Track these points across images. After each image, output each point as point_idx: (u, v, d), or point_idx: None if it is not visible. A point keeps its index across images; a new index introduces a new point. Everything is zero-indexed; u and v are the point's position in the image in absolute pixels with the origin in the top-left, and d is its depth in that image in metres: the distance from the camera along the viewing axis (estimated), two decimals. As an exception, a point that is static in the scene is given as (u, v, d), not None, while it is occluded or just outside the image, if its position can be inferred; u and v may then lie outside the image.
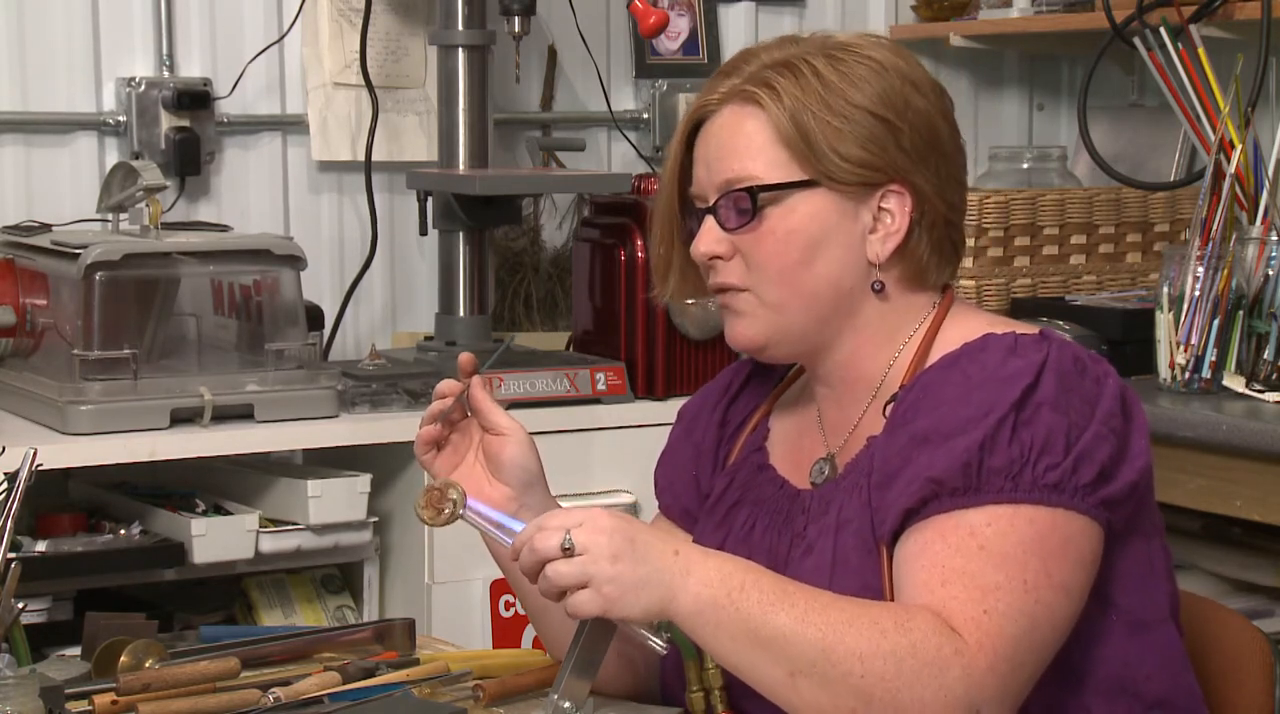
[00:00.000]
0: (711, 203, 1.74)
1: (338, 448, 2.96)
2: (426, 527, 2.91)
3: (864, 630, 1.54)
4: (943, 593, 1.57)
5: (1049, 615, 1.59)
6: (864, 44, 1.74)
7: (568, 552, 1.55)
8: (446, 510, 1.68)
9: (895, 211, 1.71)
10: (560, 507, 1.81)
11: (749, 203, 1.70)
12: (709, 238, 1.74)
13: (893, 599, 1.63)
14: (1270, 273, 2.86)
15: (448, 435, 1.84)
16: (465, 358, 1.82)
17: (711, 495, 1.87)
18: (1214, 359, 2.85)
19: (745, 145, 1.71)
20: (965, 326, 1.73)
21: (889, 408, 1.70)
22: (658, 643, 1.60)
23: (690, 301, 3.07)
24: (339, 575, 3.07)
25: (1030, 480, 1.59)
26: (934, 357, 1.71)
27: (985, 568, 1.57)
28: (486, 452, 1.83)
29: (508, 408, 1.87)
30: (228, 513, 2.89)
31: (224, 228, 3.17)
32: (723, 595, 1.56)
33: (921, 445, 1.63)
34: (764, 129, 1.71)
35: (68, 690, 1.75)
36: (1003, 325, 1.72)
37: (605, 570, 1.55)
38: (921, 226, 1.72)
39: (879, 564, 1.65)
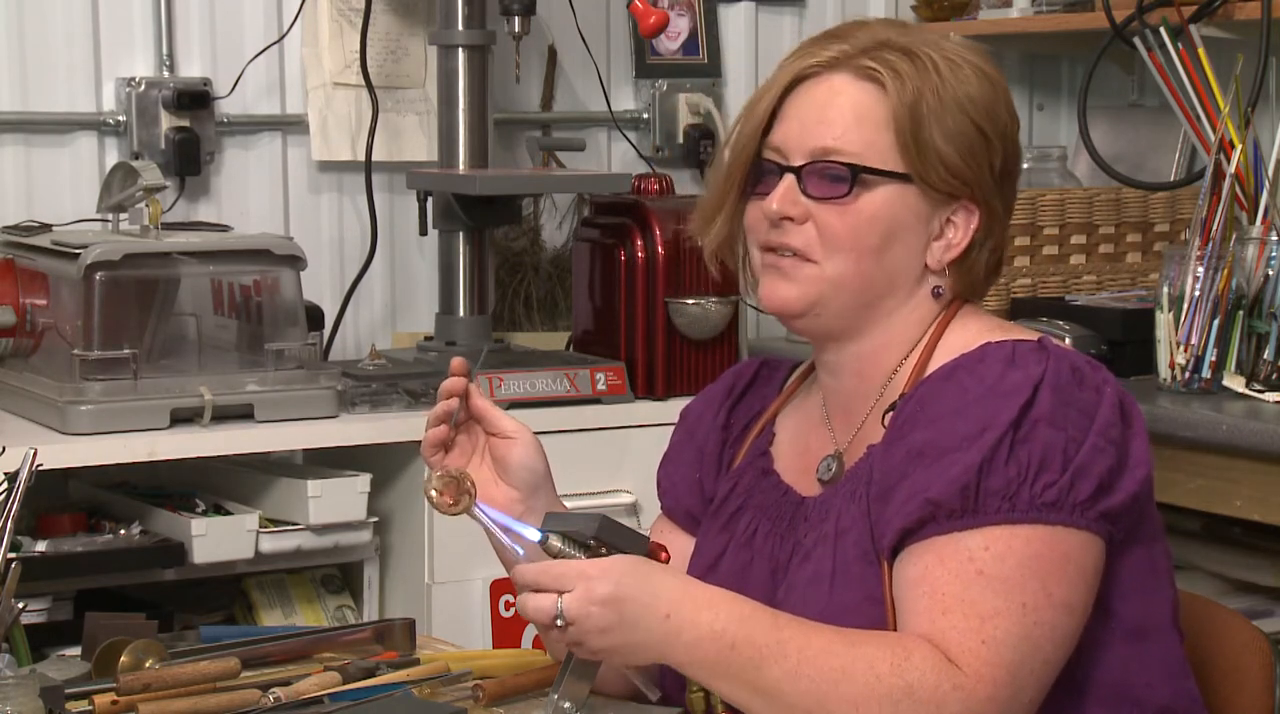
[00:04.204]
0: (796, 164, 1.71)
1: (338, 448, 2.96)
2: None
3: (858, 678, 1.55)
4: (943, 622, 1.57)
5: (1050, 635, 1.59)
6: (968, 50, 1.74)
7: (560, 626, 1.57)
8: (463, 502, 1.68)
9: (960, 226, 1.72)
10: (565, 510, 1.81)
11: (848, 176, 1.68)
12: (786, 198, 1.71)
13: (893, 611, 1.63)
14: (1270, 273, 2.86)
15: (454, 436, 1.84)
16: (457, 362, 1.82)
17: (715, 499, 1.86)
18: (1214, 359, 2.85)
19: (856, 119, 1.69)
20: (966, 333, 1.73)
21: (887, 417, 1.70)
22: (650, 694, 1.61)
23: (690, 301, 3.11)
24: (339, 575, 3.07)
25: (1028, 500, 1.59)
26: (935, 363, 1.71)
27: (984, 594, 1.57)
28: (494, 454, 1.83)
29: (508, 408, 1.87)
30: (228, 513, 2.89)
31: (224, 228, 3.17)
32: (714, 655, 1.58)
33: (918, 460, 1.62)
34: (879, 109, 1.69)
35: (68, 690, 1.75)
36: (1001, 332, 1.72)
37: (594, 642, 1.58)
38: (984, 247, 1.74)
39: (880, 574, 1.65)
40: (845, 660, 1.56)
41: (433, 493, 1.67)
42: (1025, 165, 3.60)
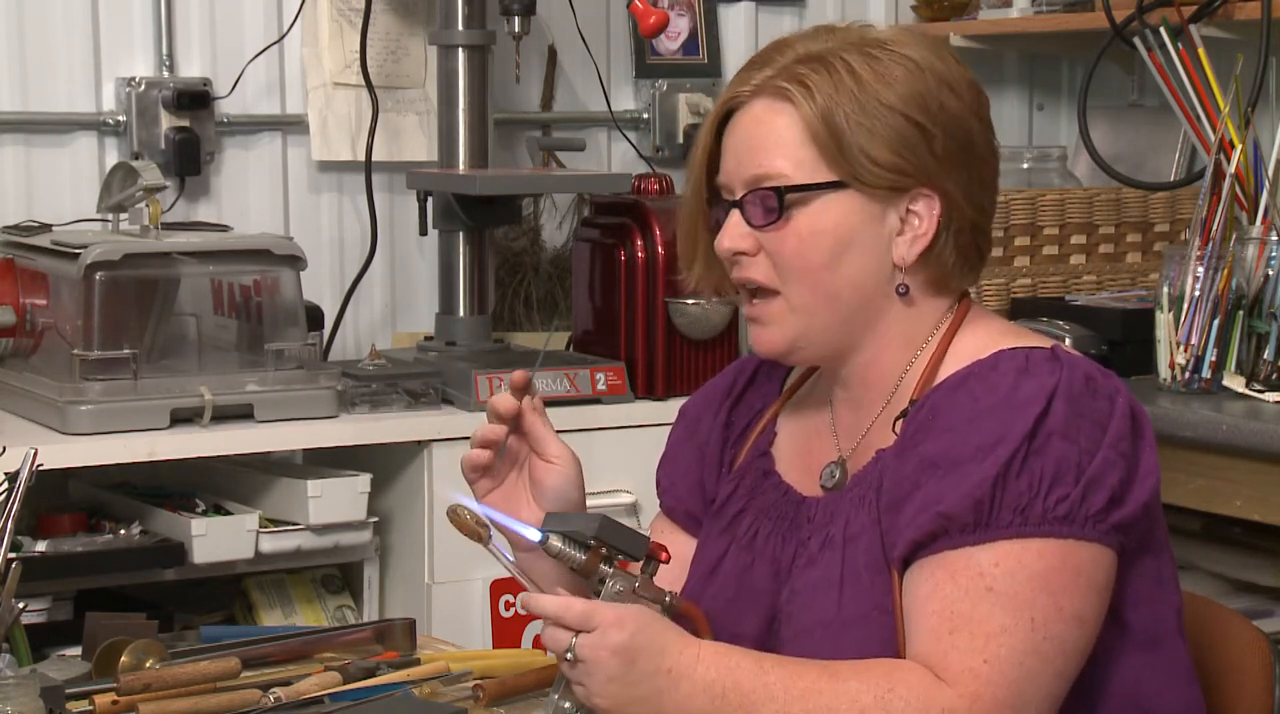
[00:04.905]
0: (738, 197, 1.72)
1: (338, 448, 2.96)
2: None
3: (843, 712, 1.55)
4: (947, 642, 1.57)
5: (1059, 649, 1.58)
6: (900, 41, 1.71)
7: (569, 661, 1.59)
8: (477, 540, 1.68)
9: (923, 215, 1.69)
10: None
11: (775, 202, 1.68)
12: (734, 233, 1.71)
13: (903, 621, 1.62)
14: (1270, 273, 2.86)
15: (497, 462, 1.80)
16: (519, 376, 1.77)
17: (717, 500, 1.85)
18: (1214, 359, 2.85)
19: (775, 142, 1.69)
20: (977, 337, 1.71)
21: (898, 423, 1.69)
22: None
23: (690, 302, 3.11)
24: (339, 575, 3.07)
25: (1040, 514, 1.58)
26: (946, 367, 1.70)
27: (993, 611, 1.57)
28: (531, 474, 1.79)
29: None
30: (228, 513, 2.89)
31: (224, 228, 3.17)
32: (705, 706, 1.59)
33: (931, 471, 1.62)
34: (794, 126, 1.68)
35: (68, 690, 1.75)
36: (1014, 337, 1.70)
37: (599, 688, 1.59)
38: (949, 232, 1.70)
39: (890, 583, 1.64)
40: (829, 698, 1.56)
41: (466, 517, 1.67)
42: (1025, 165, 3.60)
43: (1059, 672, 1.59)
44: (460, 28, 3.19)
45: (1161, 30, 3.12)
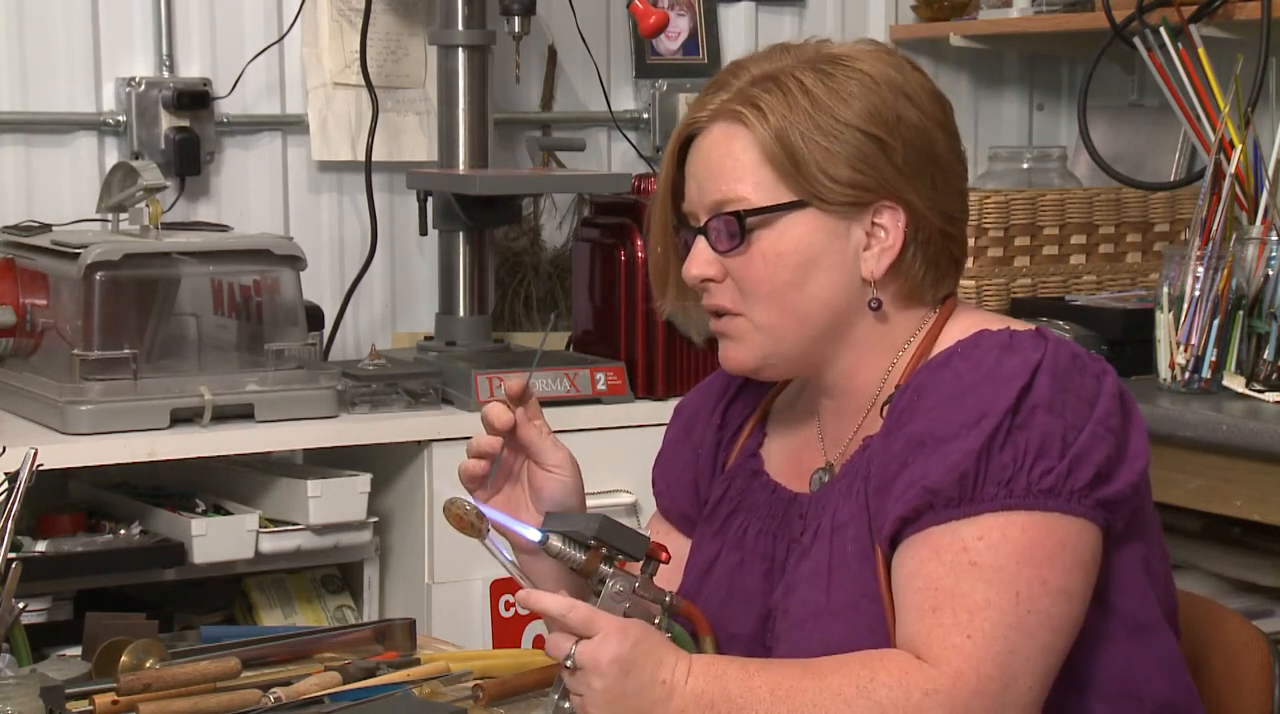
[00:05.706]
0: (702, 223, 1.72)
1: (338, 448, 2.96)
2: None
3: (828, 708, 1.55)
4: (931, 620, 1.57)
5: (1046, 622, 1.58)
6: (856, 55, 1.71)
7: (569, 668, 1.59)
8: (473, 535, 1.67)
9: (889, 227, 1.69)
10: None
11: (737, 226, 1.69)
12: (699, 260, 1.72)
13: (892, 605, 1.63)
14: (1270, 273, 2.86)
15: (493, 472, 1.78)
16: (514, 385, 1.76)
17: (709, 502, 1.86)
18: (1214, 359, 2.85)
19: (732, 166, 1.69)
20: (962, 327, 1.71)
21: (885, 409, 1.69)
22: None
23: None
24: (339, 575, 3.07)
25: (1025, 487, 1.58)
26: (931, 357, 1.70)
27: (976, 585, 1.57)
28: (531, 481, 1.78)
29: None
30: (228, 513, 2.89)
31: (224, 228, 3.17)
32: None
33: (917, 450, 1.62)
34: (750, 150, 1.68)
35: (68, 690, 1.76)
36: (998, 322, 1.71)
37: (595, 697, 1.59)
38: (916, 242, 1.70)
39: (876, 569, 1.65)
40: (814, 694, 1.57)
41: (464, 511, 1.66)
42: (1025, 165, 3.60)
43: (1047, 647, 1.58)
44: (460, 28, 3.19)
45: (1161, 30, 3.12)
